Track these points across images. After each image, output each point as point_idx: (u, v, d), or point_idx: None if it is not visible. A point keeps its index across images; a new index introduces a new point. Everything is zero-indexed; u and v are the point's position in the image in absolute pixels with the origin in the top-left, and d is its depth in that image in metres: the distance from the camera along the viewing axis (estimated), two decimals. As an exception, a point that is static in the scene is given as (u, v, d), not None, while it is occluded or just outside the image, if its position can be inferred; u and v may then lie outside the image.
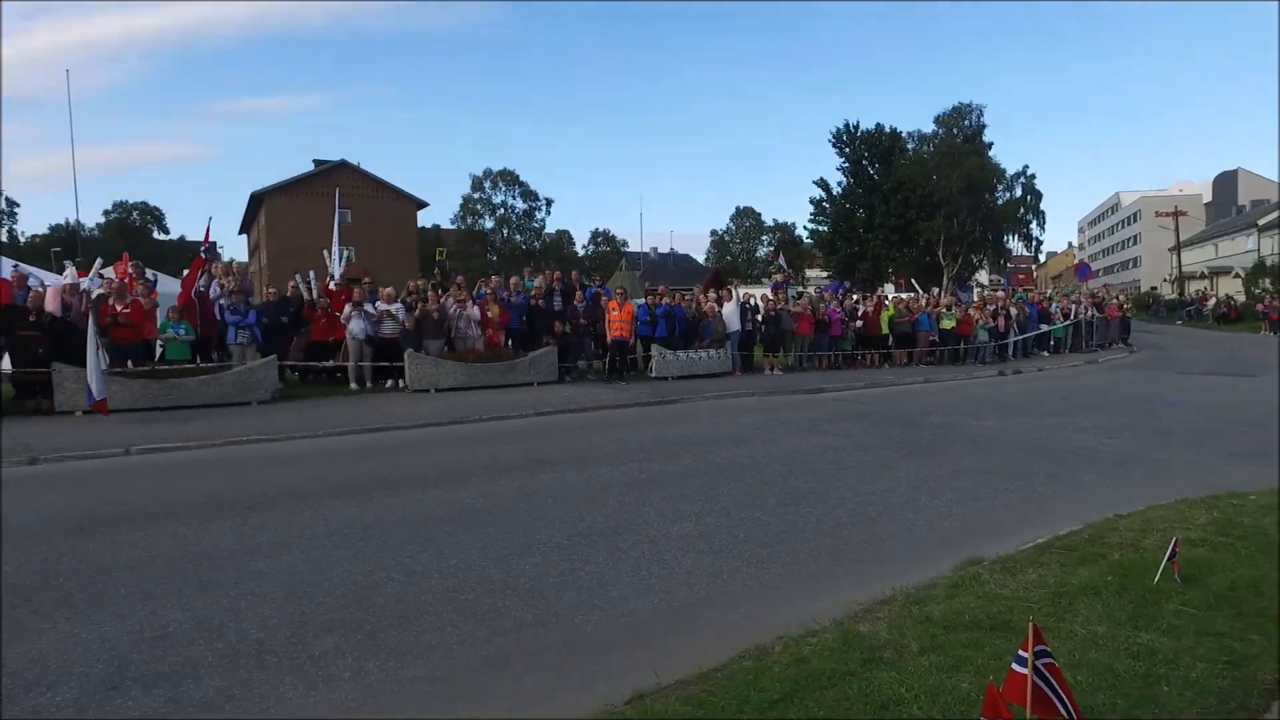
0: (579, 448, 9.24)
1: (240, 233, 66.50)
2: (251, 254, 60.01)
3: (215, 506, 6.50)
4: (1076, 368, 20.95)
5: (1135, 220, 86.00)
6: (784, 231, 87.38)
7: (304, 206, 46.31)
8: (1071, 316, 25.31)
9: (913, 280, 31.32)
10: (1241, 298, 42.83)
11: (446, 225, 79.55)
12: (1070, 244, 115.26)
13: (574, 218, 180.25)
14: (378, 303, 14.54)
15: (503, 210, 79.58)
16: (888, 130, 54.26)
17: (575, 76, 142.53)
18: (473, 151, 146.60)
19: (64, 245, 51.17)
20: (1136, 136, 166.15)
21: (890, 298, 24.87)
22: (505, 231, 79.74)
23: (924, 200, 48.47)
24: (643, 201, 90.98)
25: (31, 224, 76.79)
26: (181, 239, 72.39)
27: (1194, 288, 54.76)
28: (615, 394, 13.91)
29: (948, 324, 21.21)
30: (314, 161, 54.13)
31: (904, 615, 4.17)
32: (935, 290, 28.35)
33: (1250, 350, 25.48)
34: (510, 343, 15.96)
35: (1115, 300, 30.67)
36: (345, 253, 20.24)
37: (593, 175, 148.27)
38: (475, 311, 14.93)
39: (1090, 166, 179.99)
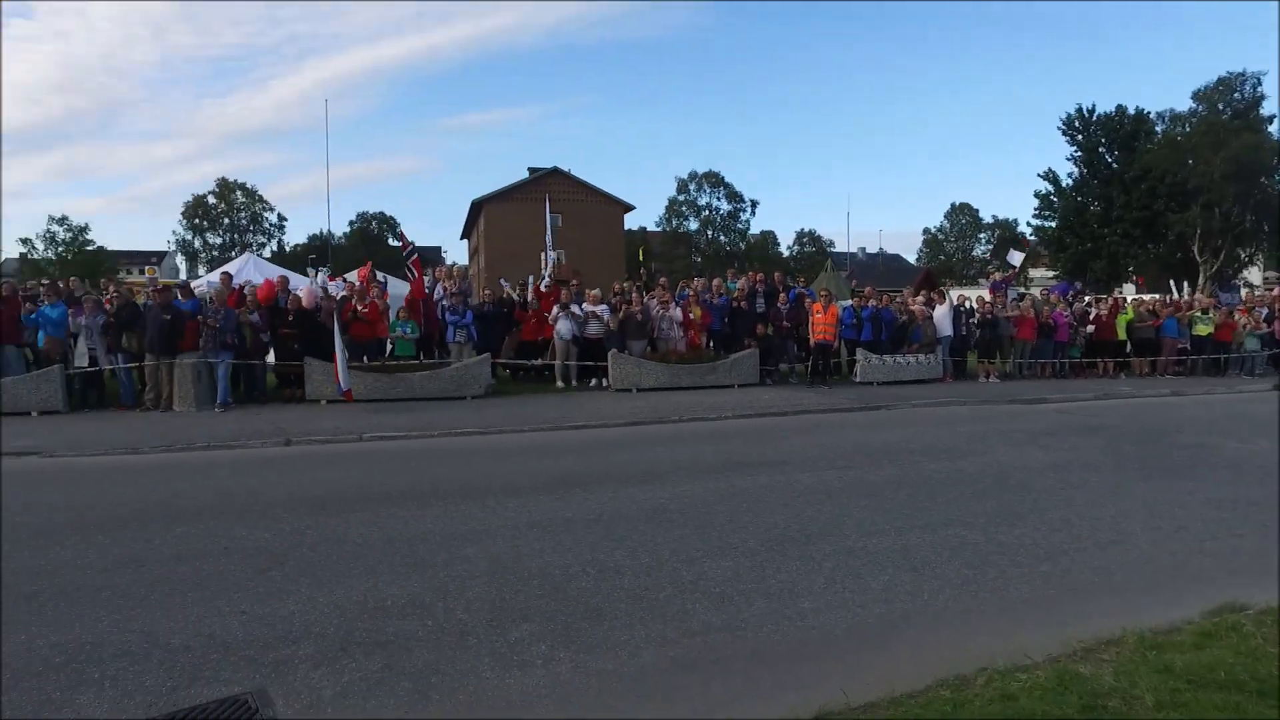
0: (777, 452, 9.08)
1: (462, 238, 72.30)
2: (471, 257, 64.99)
3: (431, 493, 7.05)
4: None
5: None
6: (1004, 228, 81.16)
7: (519, 211, 49.37)
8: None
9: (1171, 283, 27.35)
10: None
11: (652, 227, 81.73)
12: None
13: (779, 218, 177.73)
14: (584, 304, 15.16)
15: (707, 212, 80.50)
16: (1130, 113, 48.68)
17: (779, 75, 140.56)
18: (679, 154, 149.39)
19: (318, 252, 58.32)
20: None
21: (1130, 299, 22.22)
22: (710, 233, 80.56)
23: (1176, 189, 42.94)
24: (850, 200, 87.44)
25: (294, 235, 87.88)
26: (400, 248, 79.65)
27: None
28: (817, 398, 13.57)
29: (1203, 329, 18.61)
30: (528, 169, 57.60)
31: (1136, 661, 3.68)
32: (1186, 290, 24.88)
33: None
34: (712, 344, 16.07)
35: None
36: (556, 255, 21.33)
37: (799, 175, 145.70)
38: (678, 313, 15.15)
39: None
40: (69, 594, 4.66)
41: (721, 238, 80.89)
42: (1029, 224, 57.90)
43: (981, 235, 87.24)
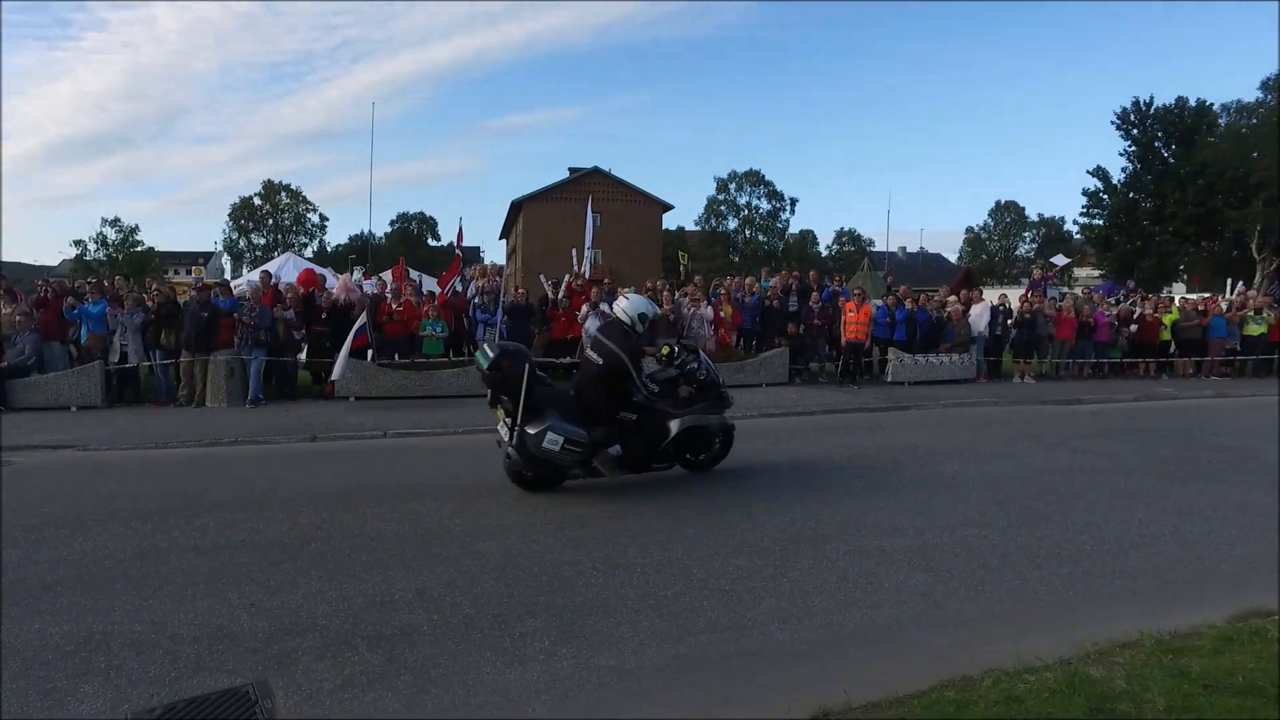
0: (799, 451, 8.99)
1: (500, 238, 72.94)
2: (509, 257, 65.52)
3: (449, 489, 7.08)
4: None
5: None
6: (1050, 226, 79.48)
7: (558, 211, 49.46)
8: None
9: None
10: None
11: (691, 227, 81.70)
12: None
13: (819, 217, 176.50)
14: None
15: (746, 211, 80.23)
16: (1192, 105, 46.72)
17: (822, 74, 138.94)
18: (720, 154, 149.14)
19: (358, 252, 59.29)
20: None
21: (1178, 299, 21.54)
22: (748, 232, 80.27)
23: (1237, 184, 41.13)
24: (891, 199, 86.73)
25: (336, 236, 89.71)
26: (450, 245, 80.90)
27: None
28: (845, 398, 13.41)
29: (1255, 329, 17.96)
30: (569, 169, 57.89)
31: (1151, 664, 3.59)
32: (1240, 289, 23.91)
33: None
34: (742, 343, 15.97)
35: None
36: (593, 254, 21.38)
37: (840, 174, 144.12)
38: (708, 311, 15.05)
39: None
40: (86, 584, 4.78)
41: (761, 237, 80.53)
42: (1075, 222, 56.35)
43: (1026, 234, 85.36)
